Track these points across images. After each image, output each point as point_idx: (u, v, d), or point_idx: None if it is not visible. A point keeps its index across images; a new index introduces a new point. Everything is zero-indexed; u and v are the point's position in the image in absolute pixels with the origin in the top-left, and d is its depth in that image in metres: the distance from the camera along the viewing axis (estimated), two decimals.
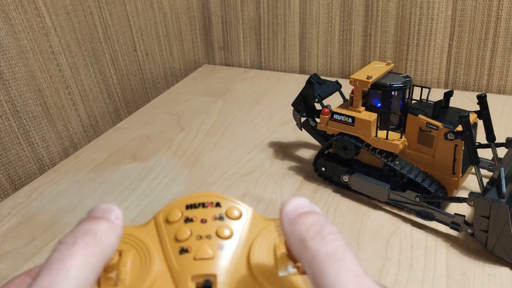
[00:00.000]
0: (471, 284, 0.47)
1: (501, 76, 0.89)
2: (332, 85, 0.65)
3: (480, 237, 0.51)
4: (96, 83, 0.85)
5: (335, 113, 0.60)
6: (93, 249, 0.21)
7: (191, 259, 0.23)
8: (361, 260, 0.51)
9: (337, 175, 0.62)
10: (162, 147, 0.78)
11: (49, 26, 0.74)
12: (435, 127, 0.55)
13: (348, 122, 0.59)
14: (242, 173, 0.69)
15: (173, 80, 1.07)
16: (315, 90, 0.63)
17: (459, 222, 0.52)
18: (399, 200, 0.57)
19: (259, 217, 0.26)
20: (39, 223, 0.61)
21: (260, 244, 0.24)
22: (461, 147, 0.54)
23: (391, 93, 0.56)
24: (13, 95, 0.69)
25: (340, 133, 0.60)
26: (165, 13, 1.00)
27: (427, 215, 0.55)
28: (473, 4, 0.86)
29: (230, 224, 0.25)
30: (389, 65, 0.60)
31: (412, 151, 0.58)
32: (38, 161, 0.75)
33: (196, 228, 0.24)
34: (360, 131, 0.58)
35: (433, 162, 0.57)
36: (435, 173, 0.57)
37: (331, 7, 0.97)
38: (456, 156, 0.55)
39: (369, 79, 0.56)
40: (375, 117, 0.57)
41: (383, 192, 0.58)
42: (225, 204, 0.26)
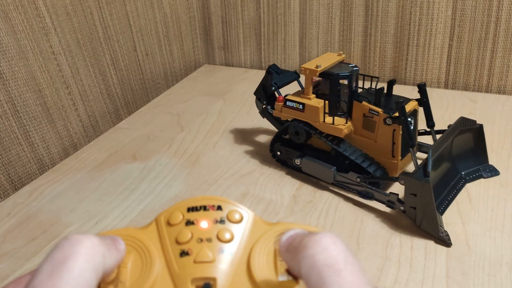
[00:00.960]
0: (471, 284, 0.47)
1: (501, 76, 0.89)
2: (290, 75, 0.70)
3: (410, 213, 0.55)
4: (96, 83, 0.85)
5: (288, 100, 0.64)
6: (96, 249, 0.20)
7: (192, 262, 0.23)
8: (361, 260, 0.51)
9: (290, 158, 0.67)
10: (162, 147, 0.78)
11: (49, 26, 0.74)
12: (376, 113, 0.59)
13: (299, 109, 0.63)
14: (242, 173, 0.69)
15: (173, 80, 1.07)
16: (272, 79, 0.68)
17: (393, 200, 0.57)
18: (343, 181, 0.62)
19: (260, 221, 0.26)
20: (39, 223, 0.61)
21: (260, 248, 0.24)
22: (399, 132, 0.58)
23: (338, 81, 0.60)
24: (13, 95, 0.69)
25: (294, 119, 0.64)
26: (165, 13, 1.00)
27: (368, 194, 0.60)
28: (473, 4, 0.86)
29: (231, 228, 0.25)
30: (341, 56, 0.64)
31: (357, 136, 0.62)
32: (38, 161, 0.75)
33: (197, 231, 0.25)
34: (310, 116, 0.62)
35: (376, 146, 0.61)
36: (377, 156, 0.61)
37: (331, 7, 0.97)
38: (395, 140, 0.59)
39: (317, 68, 0.60)
40: (323, 103, 0.61)
41: (329, 173, 0.63)
42: (226, 208, 0.26)
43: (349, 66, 0.62)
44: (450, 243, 0.52)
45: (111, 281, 0.22)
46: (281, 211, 0.60)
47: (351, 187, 0.61)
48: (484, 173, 0.64)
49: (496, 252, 0.51)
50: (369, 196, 0.59)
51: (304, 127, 0.63)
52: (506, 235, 0.54)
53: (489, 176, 0.63)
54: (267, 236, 0.25)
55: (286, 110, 0.65)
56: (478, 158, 0.64)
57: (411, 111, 0.59)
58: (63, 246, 0.20)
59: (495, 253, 0.51)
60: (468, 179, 0.63)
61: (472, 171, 0.64)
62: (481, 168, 0.64)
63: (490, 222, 0.56)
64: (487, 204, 0.59)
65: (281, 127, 0.67)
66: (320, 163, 0.63)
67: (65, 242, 0.20)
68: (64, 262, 0.19)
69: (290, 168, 0.68)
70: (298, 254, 0.20)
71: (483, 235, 0.54)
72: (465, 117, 0.61)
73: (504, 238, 0.53)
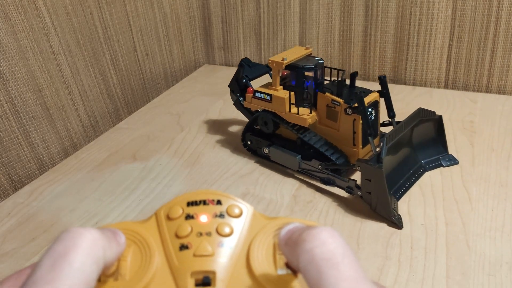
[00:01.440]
0: (471, 284, 0.47)
1: (501, 76, 0.89)
2: (261, 68, 0.73)
3: (366, 198, 0.58)
4: (96, 83, 0.85)
5: (256, 92, 0.67)
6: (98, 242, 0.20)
7: (191, 256, 0.24)
8: (361, 260, 0.51)
9: (260, 148, 0.70)
10: (162, 147, 0.78)
11: (49, 26, 0.74)
12: (337, 103, 0.62)
13: (267, 100, 0.66)
14: (242, 173, 0.69)
15: (173, 80, 1.07)
16: (244, 72, 0.71)
17: (352, 186, 0.60)
18: (308, 169, 0.65)
19: (259, 216, 0.26)
20: (39, 223, 0.61)
21: (260, 242, 0.25)
22: (359, 121, 0.61)
23: (303, 73, 0.63)
24: (13, 95, 0.69)
25: (263, 110, 0.68)
26: (165, 13, 1.00)
27: (329, 181, 0.63)
28: (473, 4, 0.86)
29: (230, 222, 0.25)
30: (308, 49, 0.67)
31: (322, 125, 0.65)
32: (38, 161, 0.75)
33: (197, 225, 0.25)
34: (277, 107, 0.65)
35: (339, 135, 0.64)
36: (340, 145, 0.64)
37: (331, 7, 0.97)
38: (355, 129, 0.62)
39: (283, 61, 0.63)
40: (288, 94, 0.64)
41: (294, 161, 0.66)
42: (226, 202, 0.26)
43: (315, 59, 0.65)
44: (401, 226, 0.55)
45: (111, 274, 0.23)
46: (281, 211, 0.60)
47: (315, 174, 0.64)
48: (444, 162, 0.67)
49: (496, 252, 0.51)
50: (331, 183, 0.63)
51: (272, 117, 0.66)
52: (506, 235, 0.54)
53: (448, 165, 0.66)
54: (266, 230, 0.25)
55: (255, 101, 0.68)
56: (438, 148, 0.67)
57: (372, 102, 0.62)
58: (64, 239, 0.20)
59: (495, 253, 0.51)
60: (428, 167, 0.66)
61: (432, 160, 0.67)
62: (441, 157, 0.67)
63: (490, 222, 0.56)
64: (487, 204, 0.59)
65: (251, 118, 0.71)
66: (286, 152, 0.66)
67: (65, 235, 0.20)
68: (65, 255, 0.19)
69: (260, 157, 0.72)
70: (297, 248, 0.20)
71: (483, 235, 0.54)
72: (423, 108, 0.63)
73: (504, 238, 0.53)
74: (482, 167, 0.66)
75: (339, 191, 0.63)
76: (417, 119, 0.62)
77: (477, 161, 0.68)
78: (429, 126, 0.66)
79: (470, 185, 0.62)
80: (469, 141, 0.73)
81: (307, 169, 0.65)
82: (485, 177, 0.64)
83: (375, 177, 0.55)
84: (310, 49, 0.67)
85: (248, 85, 0.71)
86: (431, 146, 0.67)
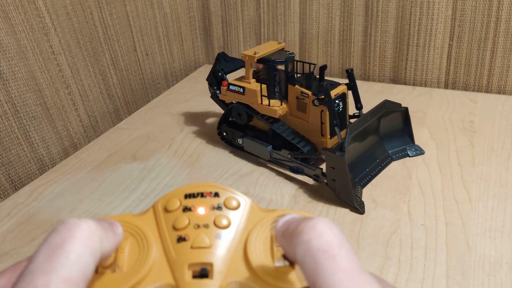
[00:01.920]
0: (471, 284, 0.47)
1: (501, 76, 0.89)
2: (237, 62, 0.75)
3: (331, 185, 0.60)
4: (96, 83, 0.85)
5: (231, 84, 0.70)
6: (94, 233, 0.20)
7: (188, 248, 0.24)
8: (361, 260, 0.51)
9: (234, 138, 0.73)
10: (162, 147, 0.78)
11: (49, 26, 0.74)
12: (306, 95, 0.64)
13: (240, 92, 0.69)
14: (242, 173, 0.69)
15: (173, 80, 1.07)
16: (219, 65, 0.74)
17: (318, 174, 0.63)
18: (278, 158, 0.68)
19: (257, 208, 0.26)
20: (39, 223, 0.61)
21: (257, 234, 0.25)
22: (326, 112, 0.63)
23: (274, 66, 0.65)
24: (13, 95, 0.69)
25: (237, 102, 0.70)
26: (165, 13, 1.00)
27: (298, 170, 0.66)
28: (473, 4, 0.86)
29: (228, 214, 0.25)
30: (281, 44, 0.69)
31: (293, 117, 0.68)
32: (38, 161, 0.75)
33: (194, 217, 0.25)
34: (249, 99, 0.68)
35: (308, 126, 0.66)
36: (310, 135, 0.67)
37: (331, 7, 0.97)
38: (323, 120, 0.64)
39: (255, 55, 0.65)
40: (259, 87, 0.66)
41: (266, 151, 0.68)
42: (223, 194, 0.26)
43: (287, 53, 0.67)
44: (363, 211, 0.58)
45: (108, 265, 0.23)
46: None
47: (285, 164, 0.67)
48: (410, 152, 0.69)
49: (496, 252, 0.51)
50: (300, 171, 0.65)
51: (245, 109, 0.69)
52: (506, 235, 0.54)
53: (414, 155, 0.69)
54: (263, 223, 0.25)
55: (229, 93, 0.71)
56: (405, 138, 0.70)
57: (340, 94, 0.65)
58: (60, 230, 0.20)
59: (495, 253, 0.51)
60: (394, 157, 0.69)
61: (399, 150, 0.69)
62: (407, 147, 0.70)
63: (490, 222, 0.56)
64: (487, 204, 0.59)
65: (227, 109, 0.73)
66: (258, 142, 0.69)
67: (62, 226, 0.20)
68: (62, 246, 0.19)
69: (235, 148, 0.74)
70: (294, 240, 0.20)
71: (483, 235, 0.54)
72: (389, 100, 0.65)
73: (504, 238, 0.53)
74: (482, 167, 0.66)
75: (309, 180, 0.65)
76: (382, 110, 0.64)
77: (477, 161, 0.68)
78: (397, 118, 0.69)
79: (470, 185, 0.62)
80: (469, 141, 0.73)
81: (277, 159, 0.68)
82: (485, 177, 0.64)
83: (338, 165, 0.57)
84: (282, 44, 0.69)
85: (224, 78, 0.73)
86: (398, 137, 0.70)
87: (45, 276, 0.18)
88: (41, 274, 0.18)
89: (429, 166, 0.67)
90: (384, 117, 0.66)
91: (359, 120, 0.60)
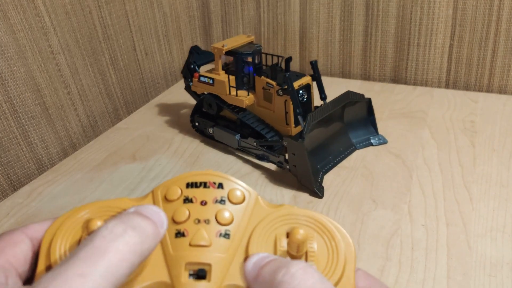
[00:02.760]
0: (472, 284, 0.47)
1: (502, 76, 0.89)
2: (209, 55, 0.77)
3: (293, 171, 0.63)
4: (96, 83, 0.85)
5: (201, 76, 0.72)
6: (136, 250, 0.20)
7: (187, 245, 0.23)
8: (362, 261, 0.50)
9: (206, 128, 0.76)
10: (161, 147, 0.77)
11: (48, 25, 0.74)
12: (271, 85, 0.67)
13: (210, 83, 0.71)
14: (242, 173, 0.69)
15: (173, 80, 1.07)
16: (192, 58, 0.76)
17: (282, 160, 0.66)
18: (246, 146, 0.71)
19: (262, 203, 0.25)
20: None
21: (260, 235, 0.24)
22: (290, 102, 0.65)
23: (242, 58, 0.68)
24: (12, 95, 0.69)
25: (208, 93, 0.73)
26: (165, 12, 1.00)
27: (264, 157, 0.69)
28: (474, 3, 0.86)
29: (231, 209, 0.24)
30: (250, 37, 0.72)
31: (260, 107, 0.70)
32: (37, 161, 0.74)
33: (195, 210, 0.24)
34: (218, 90, 0.71)
35: (274, 115, 0.69)
36: (276, 124, 0.69)
37: (331, 6, 0.97)
38: (287, 109, 0.67)
39: (223, 47, 0.68)
40: (228, 78, 0.69)
41: (234, 140, 0.71)
42: (227, 186, 0.25)
43: (255, 46, 0.70)
44: (322, 195, 0.61)
45: None
46: None
47: (252, 151, 0.70)
48: (373, 141, 0.72)
49: (497, 253, 0.51)
50: (265, 158, 0.69)
51: (215, 99, 0.72)
52: (507, 235, 0.53)
53: (377, 144, 0.72)
54: (268, 221, 0.24)
55: (200, 85, 0.73)
56: (369, 128, 0.73)
57: (304, 85, 0.67)
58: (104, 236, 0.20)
59: (496, 253, 0.51)
60: (358, 146, 0.72)
61: (363, 139, 0.72)
62: (371, 137, 0.73)
63: (491, 222, 0.55)
64: (488, 205, 0.58)
65: (198, 100, 0.76)
66: (227, 131, 0.72)
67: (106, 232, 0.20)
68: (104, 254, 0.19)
69: (206, 137, 0.78)
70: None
71: (484, 236, 0.53)
72: (351, 91, 0.68)
73: (505, 238, 0.53)
74: (483, 167, 0.66)
75: (272, 166, 0.64)
76: (345, 101, 0.66)
77: (478, 161, 0.67)
78: (361, 108, 0.72)
79: (471, 185, 0.62)
80: (470, 141, 0.73)
81: (245, 147, 0.71)
82: (486, 177, 0.64)
83: (298, 151, 0.60)
84: (251, 37, 0.72)
85: (196, 70, 0.75)
86: (362, 127, 0.73)
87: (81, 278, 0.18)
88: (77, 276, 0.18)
89: (430, 166, 0.67)
90: (349, 107, 0.69)
91: (320, 109, 0.63)
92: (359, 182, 0.64)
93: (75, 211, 0.25)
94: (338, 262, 0.23)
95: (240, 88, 0.70)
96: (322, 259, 0.23)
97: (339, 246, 0.24)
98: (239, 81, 0.70)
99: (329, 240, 0.24)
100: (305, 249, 0.23)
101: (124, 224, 0.20)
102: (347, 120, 0.71)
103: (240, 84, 0.70)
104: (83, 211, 0.25)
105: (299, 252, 0.23)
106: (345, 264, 0.23)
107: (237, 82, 0.70)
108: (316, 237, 0.24)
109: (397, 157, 0.70)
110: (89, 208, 0.25)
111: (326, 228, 0.25)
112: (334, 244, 0.24)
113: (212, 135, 0.76)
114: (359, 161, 0.69)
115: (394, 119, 0.81)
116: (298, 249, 0.23)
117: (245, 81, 0.71)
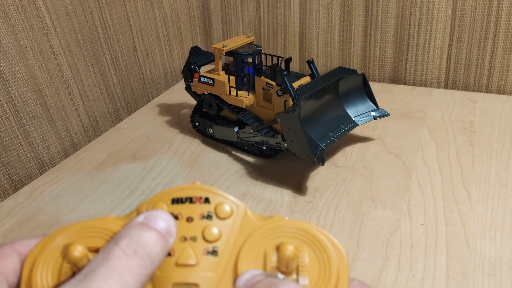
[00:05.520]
0: (471, 284, 0.47)
1: (501, 76, 0.89)
2: (209, 56, 0.78)
3: (292, 147, 0.62)
4: (96, 83, 0.85)
5: (201, 76, 0.73)
6: (147, 270, 0.21)
7: (173, 265, 0.22)
8: (361, 260, 0.51)
9: (206, 128, 0.77)
10: (162, 147, 0.78)
11: (49, 26, 0.74)
12: (271, 86, 0.67)
13: (210, 83, 0.72)
14: (242, 173, 0.69)
15: (173, 80, 1.07)
16: (193, 59, 0.77)
17: (279, 140, 0.66)
18: (245, 137, 0.71)
19: (251, 216, 0.24)
20: (39, 223, 0.61)
21: (249, 250, 0.23)
22: (290, 102, 0.65)
23: (242, 59, 0.69)
24: (13, 95, 0.69)
25: (208, 94, 0.73)
26: (165, 13, 1.00)
27: (263, 143, 0.69)
28: (473, 4, 0.86)
29: (218, 225, 0.23)
30: (250, 38, 0.72)
31: (260, 107, 0.70)
32: (38, 161, 0.75)
33: (181, 228, 0.23)
34: (218, 90, 0.71)
35: (274, 115, 0.68)
36: (276, 124, 0.68)
37: (331, 7, 0.97)
38: None
39: (223, 48, 0.68)
40: (228, 78, 0.69)
41: (233, 133, 0.72)
42: (214, 200, 0.24)
43: (255, 46, 0.71)
44: (322, 163, 0.60)
45: None
46: (281, 211, 0.60)
47: (251, 140, 0.70)
48: (374, 114, 0.72)
49: (496, 252, 0.51)
50: (264, 143, 0.69)
51: (215, 100, 0.72)
52: (506, 235, 0.54)
53: (377, 117, 0.72)
54: (257, 235, 0.24)
55: (200, 85, 0.74)
56: (367, 103, 0.73)
57: None
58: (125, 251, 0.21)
59: (495, 253, 0.51)
60: (359, 121, 0.71)
61: (362, 114, 0.72)
62: (371, 111, 0.73)
63: (490, 222, 0.56)
64: (487, 204, 0.59)
65: (199, 100, 0.76)
66: (226, 125, 0.73)
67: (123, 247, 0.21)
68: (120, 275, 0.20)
69: (206, 137, 0.78)
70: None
71: (483, 235, 0.54)
72: (343, 67, 0.68)
73: (504, 238, 0.53)
74: (482, 167, 0.66)
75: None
76: (337, 76, 0.66)
77: (477, 161, 0.68)
78: (357, 83, 0.72)
79: (470, 185, 0.62)
80: (469, 141, 0.73)
81: (244, 138, 0.71)
82: (485, 177, 0.64)
83: (291, 124, 0.60)
84: (251, 38, 0.72)
85: (196, 71, 0.76)
86: (360, 102, 0.73)
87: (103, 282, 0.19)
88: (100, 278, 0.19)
89: (429, 166, 0.67)
90: (343, 82, 0.69)
91: (308, 84, 0.62)
92: (358, 181, 0.65)
93: (53, 236, 0.24)
94: (331, 274, 0.23)
95: (240, 89, 0.70)
96: (314, 272, 0.23)
97: (331, 257, 0.23)
98: (239, 82, 0.70)
99: (320, 252, 0.23)
100: (296, 264, 0.23)
101: (135, 244, 0.21)
102: (343, 95, 0.71)
103: (240, 85, 0.71)
104: (60, 236, 0.24)
105: (289, 268, 0.23)
106: (338, 275, 0.23)
107: (237, 83, 0.70)
108: (307, 250, 0.24)
109: (397, 157, 0.70)
110: (67, 232, 0.24)
111: (317, 240, 0.24)
112: (326, 256, 0.23)
113: (212, 135, 0.76)
114: (358, 161, 0.70)
115: (393, 119, 0.81)
116: (287, 265, 0.22)
117: (245, 81, 0.71)
